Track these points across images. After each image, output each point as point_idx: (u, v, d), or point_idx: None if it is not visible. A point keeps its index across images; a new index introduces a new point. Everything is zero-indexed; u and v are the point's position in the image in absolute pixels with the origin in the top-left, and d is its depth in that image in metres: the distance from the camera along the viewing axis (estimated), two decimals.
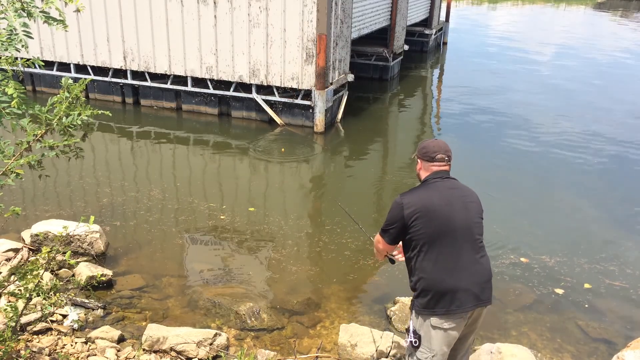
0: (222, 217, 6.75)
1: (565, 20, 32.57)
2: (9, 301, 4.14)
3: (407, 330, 3.11)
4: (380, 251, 3.24)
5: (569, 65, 17.85)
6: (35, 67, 11.39)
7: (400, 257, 3.31)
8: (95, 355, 4.13)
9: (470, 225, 2.89)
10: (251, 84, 10.35)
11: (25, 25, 2.49)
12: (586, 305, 5.26)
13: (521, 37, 24.30)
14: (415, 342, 3.01)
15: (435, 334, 2.92)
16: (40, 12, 2.58)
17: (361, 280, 5.55)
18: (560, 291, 5.45)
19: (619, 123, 11.46)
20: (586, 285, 5.58)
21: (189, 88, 10.82)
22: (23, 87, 2.65)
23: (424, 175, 3.07)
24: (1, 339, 3.29)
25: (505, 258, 6.00)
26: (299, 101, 10.11)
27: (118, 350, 4.21)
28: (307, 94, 10.04)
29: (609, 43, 22.95)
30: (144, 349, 4.23)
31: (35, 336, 4.25)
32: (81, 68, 11.54)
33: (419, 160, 3.10)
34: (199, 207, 7.02)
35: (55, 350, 4.12)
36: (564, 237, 6.60)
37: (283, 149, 9.02)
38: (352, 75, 11.11)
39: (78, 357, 4.07)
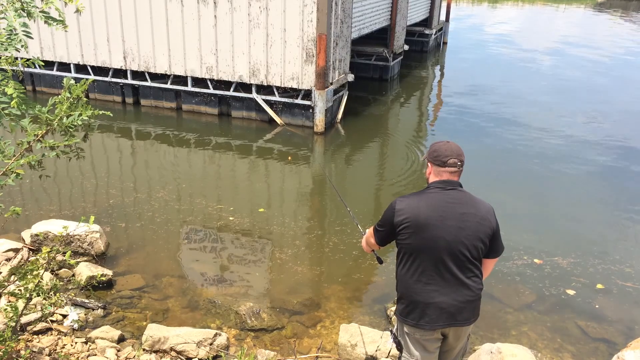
0: (231, 218, 6.74)
1: (565, 20, 32.57)
2: (9, 301, 4.14)
3: (391, 332, 3.12)
4: (369, 245, 3.18)
5: (570, 64, 17.85)
6: (35, 67, 11.40)
7: None
8: (96, 355, 4.13)
9: (459, 244, 2.72)
10: (251, 84, 10.35)
11: (25, 25, 2.49)
12: (588, 306, 5.26)
13: (521, 36, 24.30)
14: (397, 346, 3.04)
15: (410, 340, 2.93)
16: (40, 12, 2.57)
17: (361, 280, 5.55)
18: (571, 292, 5.44)
19: (628, 121, 11.42)
20: (599, 286, 5.56)
21: (189, 88, 10.82)
22: (23, 87, 2.64)
23: (433, 180, 2.87)
24: (1, 339, 3.29)
25: (518, 259, 5.99)
26: (299, 101, 10.11)
27: (118, 350, 4.21)
28: (307, 94, 10.04)
29: (609, 42, 22.94)
30: (144, 349, 4.23)
31: (35, 336, 4.25)
32: (81, 68, 11.54)
33: (429, 164, 2.90)
34: (200, 207, 7.02)
35: (55, 350, 4.12)
36: (578, 238, 6.57)
37: (290, 157, 8.97)
38: (352, 75, 11.11)
39: (78, 357, 4.07)
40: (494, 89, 14.23)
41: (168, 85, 10.97)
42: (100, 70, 11.43)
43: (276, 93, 10.27)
